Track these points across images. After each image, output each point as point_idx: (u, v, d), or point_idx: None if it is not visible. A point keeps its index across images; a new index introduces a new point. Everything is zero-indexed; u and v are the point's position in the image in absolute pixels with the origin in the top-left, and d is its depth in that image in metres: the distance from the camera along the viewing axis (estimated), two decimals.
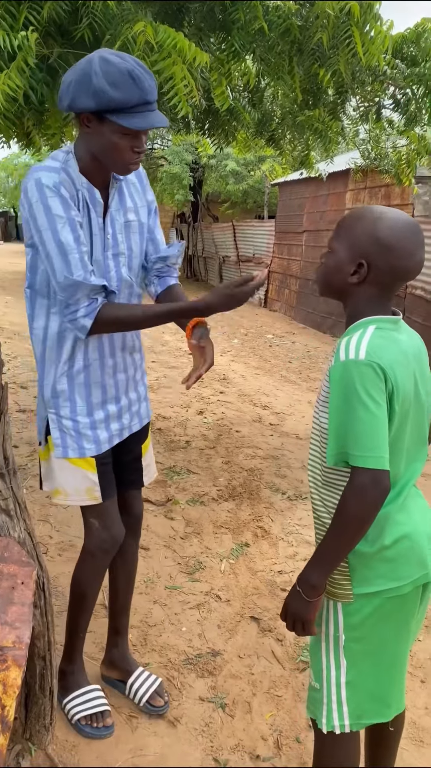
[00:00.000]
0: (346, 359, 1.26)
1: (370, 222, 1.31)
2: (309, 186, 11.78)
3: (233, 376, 7.03)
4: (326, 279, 1.40)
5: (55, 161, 1.66)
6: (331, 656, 1.39)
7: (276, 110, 4.42)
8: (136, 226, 1.83)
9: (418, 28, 3.69)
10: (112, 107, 1.51)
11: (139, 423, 2.01)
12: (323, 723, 1.41)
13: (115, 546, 1.97)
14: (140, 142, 1.60)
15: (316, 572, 1.32)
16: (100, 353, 1.83)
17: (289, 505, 3.68)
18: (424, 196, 7.89)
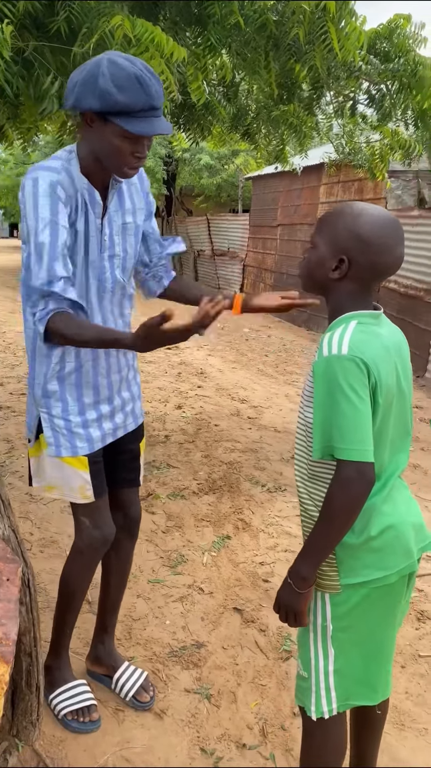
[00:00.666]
0: (329, 354, 1.28)
1: (351, 218, 1.33)
2: (283, 180, 11.82)
3: (210, 370, 7.05)
4: (308, 274, 1.42)
5: (57, 160, 1.65)
6: (319, 646, 1.42)
7: (251, 105, 4.43)
8: (132, 228, 1.83)
9: (391, 24, 3.73)
10: (116, 110, 1.50)
11: (134, 422, 2.01)
12: (312, 710, 1.44)
13: (105, 544, 1.97)
14: (142, 148, 1.59)
15: (306, 564, 1.34)
16: (94, 354, 1.83)
17: (269, 497, 3.72)
18: (397, 190, 7.97)
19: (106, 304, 1.83)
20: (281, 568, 2.95)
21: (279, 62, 3.01)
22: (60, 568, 2.83)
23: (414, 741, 2.00)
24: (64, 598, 2.04)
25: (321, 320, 10.20)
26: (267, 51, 2.92)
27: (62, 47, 2.60)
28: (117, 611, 2.21)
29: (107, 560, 2.15)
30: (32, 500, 3.51)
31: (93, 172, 1.68)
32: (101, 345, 1.63)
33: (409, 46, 3.69)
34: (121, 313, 1.89)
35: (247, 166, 14.20)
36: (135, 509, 2.13)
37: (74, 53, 2.53)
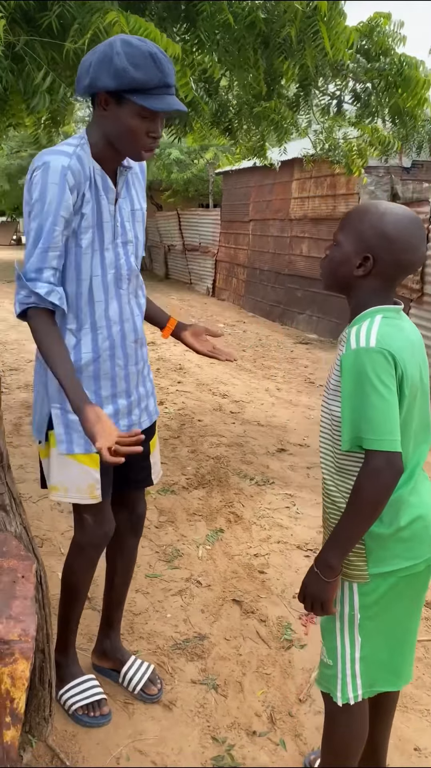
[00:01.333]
0: (357, 347, 1.31)
1: (377, 216, 1.35)
2: (254, 175, 11.86)
3: (189, 365, 7.07)
4: (332, 271, 1.43)
5: (68, 146, 1.63)
6: (346, 634, 1.45)
7: (233, 101, 4.45)
8: (140, 215, 1.83)
9: (371, 22, 3.80)
10: (132, 87, 1.50)
11: (148, 419, 1.99)
12: (338, 696, 1.48)
13: (105, 541, 1.97)
14: (156, 127, 1.59)
15: (334, 553, 1.36)
16: (111, 344, 1.79)
17: (258, 491, 3.76)
18: (370, 186, 8.08)
19: (123, 292, 1.79)
20: (275, 559, 3.00)
21: (267, 60, 3.04)
22: (55, 565, 2.86)
23: (418, 722, 2.07)
24: (67, 594, 2.04)
25: (295, 315, 10.30)
26: (256, 49, 2.95)
27: (54, 42, 2.59)
28: (122, 606, 2.22)
29: (112, 557, 2.16)
30: (23, 498, 3.49)
31: (105, 158, 1.67)
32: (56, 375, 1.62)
33: (389, 44, 3.76)
34: (138, 303, 1.87)
35: (217, 160, 14.20)
36: (141, 506, 2.14)
37: (67, 49, 2.52)
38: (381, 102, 3.47)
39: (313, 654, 2.36)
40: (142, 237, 1.86)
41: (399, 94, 3.38)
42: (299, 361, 7.66)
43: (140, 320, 1.87)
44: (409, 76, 3.33)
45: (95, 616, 2.45)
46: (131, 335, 1.84)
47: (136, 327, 1.85)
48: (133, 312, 1.84)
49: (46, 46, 2.64)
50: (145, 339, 1.94)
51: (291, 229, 10.52)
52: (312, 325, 9.77)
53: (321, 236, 9.63)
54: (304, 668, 2.29)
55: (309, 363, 7.59)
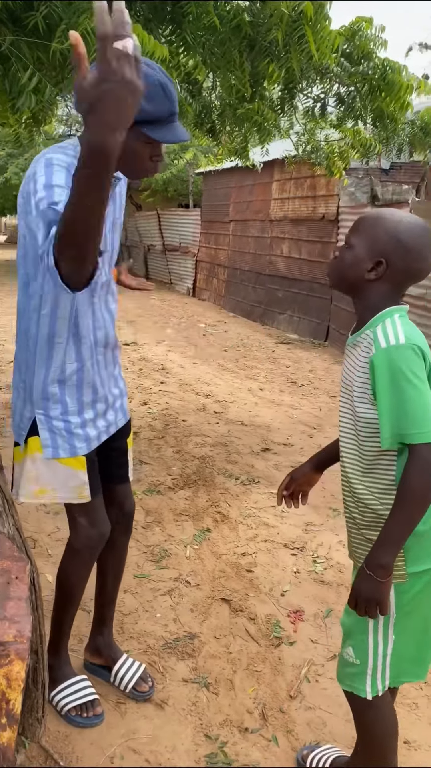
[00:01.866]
0: (388, 345, 1.34)
1: (392, 223, 1.39)
2: (235, 176, 11.89)
3: (171, 366, 7.07)
4: (341, 272, 1.46)
5: (66, 149, 1.60)
6: (379, 633, 1.47)
7: (216, 102, 4.47)
8: (119, 224, 1.85)
9: (353, 26, 3.84)
10: (143, 119, 1.47)
11: (123, 418, 2.03)
12: (368, 692, 1.50)
13: (101, 542, 1.98)
14: (160, 151, 1.59)
15: (386, 552, 1.36)
16: (91, 351, 1.81)
17: (244, 490, 3.78)
18: (350, 187, 8.16)
19: (96, 300, 1.80)
20: (263, 558, 3.02)
21: (252, 62, 3.06)
22: (42, 566, 2.85)
23: (406, 716, 2.10)
24: (62, 597, 2.05)
25: (276, 315, 10.35)
26: (241, 51, 2.97)
27: (40, 42, 2.58)
28: (114, 603, 2.23)
29: (103, 556, 2.16)
30: None
31: None
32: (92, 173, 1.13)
33: (371, 48, 3.81)
34: (108, 309, 1.88)
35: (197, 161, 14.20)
36: (129, 503, 2.15)
37: (53, 49, 2.51)
38: (365, 105, 3.51)
39: (302, 651, 2.39)
40: (117, 245, 1.88)
41: (382, 98, 3.43)
42: (281, 361, 7.70)
43: (111, 326, 1.89)
44: (392, 81, 3.38)
45: (84, 616, 2.46)
46: (104, 341, 1.86)
47: (108, 333, 1.87)
48: (105, 319, 1.85)
49: (32, 47, 2.63)
50: (117, 342, 1.97)
51: (272, 229, 10.57)
52: (293, 325, 9.83)
53: (301, 237, 9.69)
54: (294, 665, 2.32)
55: (290, 363, 7.64)
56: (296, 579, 2.86)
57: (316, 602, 2.69)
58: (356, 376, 1.44)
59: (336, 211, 8.67)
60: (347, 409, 1.48)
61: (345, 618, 1.56)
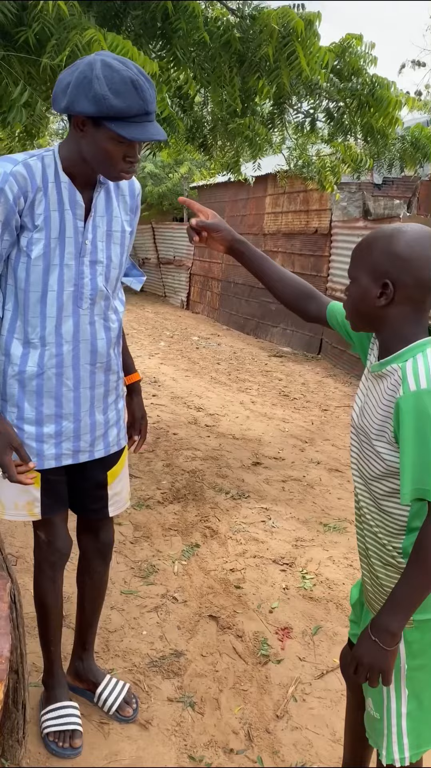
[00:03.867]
0: (418, 389, 1.19)
1: (384, 240, 1.28)
2: (229, 190, 11.96)
3: (164, 378, 7.06)
4: (355, 309, 1.35)
5: (22, 155, 1.58)
6: (391, 687, 1.35)
7: (207, 117, 4.50)
8: (119, 236, 1.76)
9: (343, 43, 3.87)
10: (111, 114, 1.45)
11: (104, 449, 1.87)
12: (384, 755, 1.38)
13: (62, 559, 1.93)
14: (134, 152, 1.55)
15: (397, 619, 1.24)
16: (59, 362, 1.71)
17: (234, 504, 3.76)
18: (342, 202, 8.20)
19: (83, 311, 1.71)
20: (251, 574, 2.99)
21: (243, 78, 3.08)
22: (28, 583, 2.81)
23: None
24: (39, 615, 2.01)
25: (270, 328, 10.36)
26: (231, 66, 2.99)
27: (31, 58, 2.59)
28: (94, 629, 2.18)
29: (80, 582, 2.12)
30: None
31: (78, 173, 1.62)
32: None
33: (360, 65, 3.84)
34: (105, 326, 1.78)
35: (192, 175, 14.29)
36: (105, 534, 2.05)
37: (44, 64, 2.52)
38: (354, 121, 3.54)
39: (290, 669, 2.36)
40: (119, 259, 1.77)
41: (371, 113, 3.46)
42: (273, 374, 7.70)
43: (104, 343, 1.78)
44: (381, 96, 3.40)
45: (69, 633, 2.42)
46: (87, 356, 1.75)
47: (95, 349, 1.76)
48: (96, 334, 1.75)
49: (23, 61, 2.64)
50: (116, 366, 1.86)
51: (265, 243, 10.61)
52: (286, 338, 9.84)
53: (294, 251, 9.73)
54: (281, 683, 2.29)
55: (283, 376, 7.63)
56: (285, 595, 2.83)
57: (305, 619, 2.66)
58: (377, 412, 1.31)
59: (329, 225, 8.71)
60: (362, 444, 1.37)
61: None
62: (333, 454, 4.84)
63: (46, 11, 2.28)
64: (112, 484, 1.95)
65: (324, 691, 2.26)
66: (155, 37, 3.08)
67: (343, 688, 2.28)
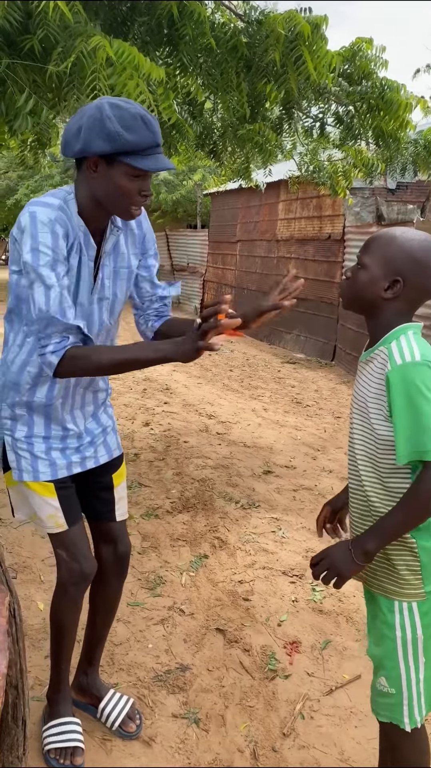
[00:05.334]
0: (403, 362, 1.35)
1: (406, 241, 1.39)
2: (242, 196, 11.95)
3: (176, 386, 7.03)
4: (356, 293, 1.46)
5: (54, 198, 1.62)
6: (410, 658, 1.43)
7: (217, 123, 4.48)
8: (125, 273, 1.81)
9: (353, 46, 3.84)
10: (126, 150, 1.51)
11: (107, 454, 1.95)
12: (406, 723, 1.45)
13: (86, 579, 1.91)
14: (148, 185, 1.59)
15: (375, 541, 1.39)
16: (65, 393, 1.80)
17: (243, 514, 3.71)
18: (355, 207, 8.15)
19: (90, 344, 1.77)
20: (260, 585, 2.94)
21: (250, 83, 3.05)
22: (34, 594, 2.80)
23: None
24: (56, 633, 1.98)
25: (283, 335, 10.31)
26: (239, 72, 2.96)
27: (36, 65, 2.58)
28: (102, 644, 2.16)
29: (94, 597, 2.10)
30: (2, 524, 3.42)
31: (91, 216, 1.66)
32: (131, 365, 1.59)
33: (371, 69, 3.80)
34: None
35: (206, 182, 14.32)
36: (122, 545, 2.05)
37: (50, 72, 2.51)
38: (364, 124, 3.50)
39: (298, 685, 2.31)
40: (123, 296, 1.83)
41: (381, 116, 3.41)
42: (286, 381, 7.64)
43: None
44: (391, 99, 3.36)
45: (76, 646, 2.38)
46: (84, 383, 1.83)
47: (94, 378, 1.84)
48: None
49: (29, 69, 2.63)
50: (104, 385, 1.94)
51: (278, 249, 10.58)
52: (299, 345, 9.78)
53: (307, 257, 9.68)
54: (288, 700, 2.23)
55: (296, 383, 7.57)
56: (294, 608, 2.77)
57: (314, 632, 2.60)
58: (370, 392, 1.43)
59: (342, 230, 8.66)
60: (362, 426, 1.46)
61: (373, 649, 1.52)
62: (346, 462, 4.77)
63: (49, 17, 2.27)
64: (117, 488, 2.01)
65: (332, 708, 2.20)
66: (162, 43, 3.07)
67: (352, 705, 2.23)
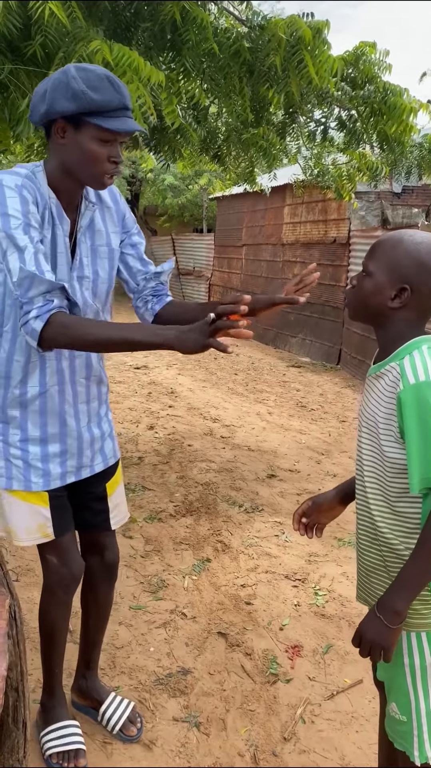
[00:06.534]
0: (417, 382, 1.23)
1: (413, 245, 1.29)
2: (247, 200, 11.97)
3: (181, 389, 7.03)
4: (362, 302, 1.36)
5: (21, 168, 1.57)
6: (419, 686, 1.36)
7: (221, 128, 4.49)
8: (105, 252, 1.73)
9: (357, 51, 3.84)
10: (92, 109, 1.45)
11: (103, 462, 1.88)
12: (416, 756, 1.37)
13: (74, 582, 1.89)
14: (117, 151, 1.53)
15: (402, 598, 1.27)
16: (60, 379, 1.70)
17: (247, 518, 3.71)
18: (360, 211, 8.14)
19: None
20: (263, 589, 2.93)
21: (253, 88, 3.06)
22: (37, 596, 2.79)
23: None
24: (45, 636, 1.96)
25: (288, 338, 10.30)
26: (241, 77, 2.97)
27: (38, 71, 2.60)
28: (98, 647, 2.15)
29: (85, 602, 2.09)
30: None
31: (62, 188, 1.59)
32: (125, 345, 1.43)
33: (375, 73, 3.80)
34: None
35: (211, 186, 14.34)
36: (110, 554, 2.02)
37: None
38: (367, 129, 3.50)
39: (299, 689, 2.30)
40: (105, 274, 1.74)
41: (384, 120, 3.42)
42: (291, 385, 7.64)
43: (96, 357, 1.79)
44: (393, 103, 3.36)
45: (74, 649, 2.39)
46: (82, 371, 1.75)
47: (89, 363, 1.76)
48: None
49: (31, 74, 2.65)
50: (102, 376, 1.85)
51: (284, 253, 10.58)
52: (305, 349, 9.78)
53: (313, 260, 9.67)
54: (289, 704, 2.22)
55: (301, 387, 7.57)
56: (296, 612, 2.77)
57: (316, 637, 2.60)
58: (381, 412, 1.33)
59: (348, 234, 8.66)
60: (371, 447, 1.37)
61: (382, 672, 1.46)
62: (350, 466, 4.76)
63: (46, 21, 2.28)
64: (111, 496, 1.95)
65: (333, 712, 2.19)
66: (165, 48, 3.08)
67: (353, 709, 2.22)
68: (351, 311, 1.42)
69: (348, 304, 1.41)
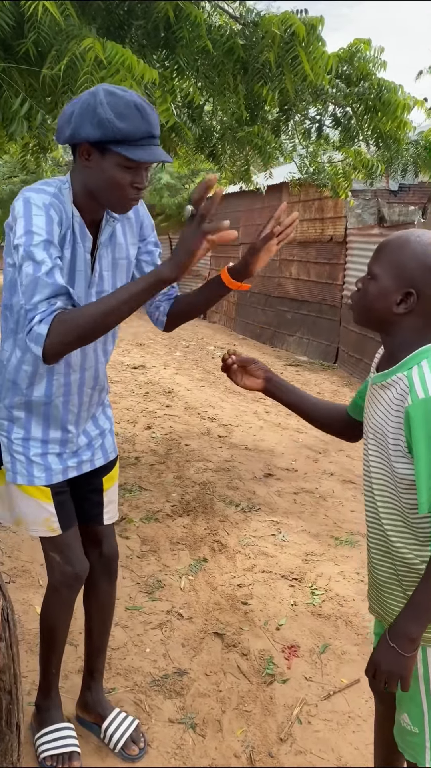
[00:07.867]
0: (427, 396, 1.18)
1: (419, 247, 1.23)
2: (245, 199, 11.95)
3: (178, 389, 7.02)
4: (367, 307, 1.31)
5: (49, 186, 1.56)
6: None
7: (216, 126, 4.47)
8: (125, 265, 1.75)
9: (351, 48, 3.83)
10: (117, 138, 1.43)
11: (103, 457, 1.92)
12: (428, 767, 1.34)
13: (79, 581, 1.89)
14: (141, 178, 1.52)
15: (416, 624, 1.22)
16: (67, 391, 1.74)
17: (244, 517, 3.69)
18: (356, 209, 8.13)
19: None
20: (259, 589, 2.92)
21: (247, 85, 3.05)
22: (33, 598, 2.78)
23: None
24: (46, 637, 1.95)
25: (286, 337, 10.29)
26: (235, 74, 2.95)
27: (31, 69, 2.58)
28: (103, 655, 2.12)
29: (87, 605, 2.08)
30: (1, 528, 3.41)
31: (85, 207, 1.60)
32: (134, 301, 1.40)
33: (369, 70, 3.79)
34: (104, 350, 1.80)
35: None
36: (108, 546, 2.02)
37: (44, 75, 2.51)
38: (361, 126, 3.48)
39: (295, 689, 2.29)
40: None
41: (378, 117, 3.40)
42: None
43: (103, 367, 1.83)
44: (388, 100, 3.34)
45: (71, 650, 2.38)
46: (90, 382, 1.79)
47: (97, 375, 1.80)
48: (98, 359, 1.78)
49: (24, 73, 2.63)
50: (105, 384, 1.89)
51: (281, 252, 10.56)
52: (302, 347, 9.77)
53: (309, 259, 9.67)
54: (286, 704, 2.21)
55: (298, 385, 7.55)
56: (293, 612, 2.76)
57: (313, 636, 2.59)
58: (390, 426, 1.27)
59: (344, 233, 8.65)
60: (380, 460, 1.32)
61: None
62: (347, 465, 4.76)
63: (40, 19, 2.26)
64: (107, 491, 1.97)
65: (330, 713, 2.18)
66: (158, 46, 3.07)
67: (350, 710, 2.21)
68: (356, 316, 1.37)
69: (353, 308, 1.36)
